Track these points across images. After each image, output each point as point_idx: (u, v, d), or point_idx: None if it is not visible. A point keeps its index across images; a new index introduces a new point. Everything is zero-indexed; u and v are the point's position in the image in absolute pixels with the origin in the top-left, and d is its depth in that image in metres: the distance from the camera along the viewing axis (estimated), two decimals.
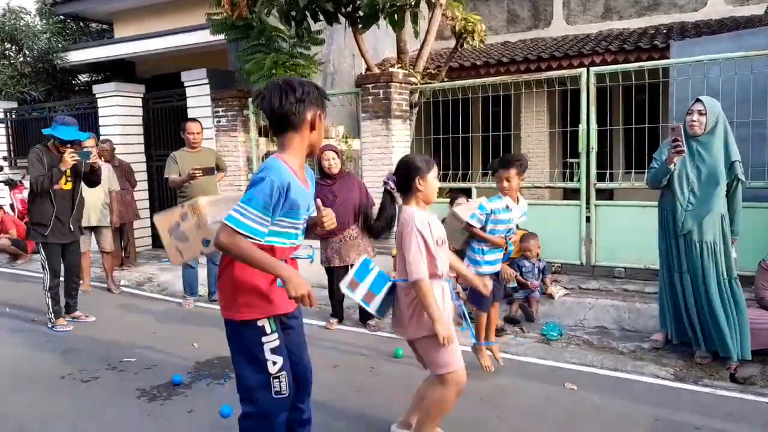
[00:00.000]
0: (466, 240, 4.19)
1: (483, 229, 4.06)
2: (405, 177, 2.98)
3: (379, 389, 3.97)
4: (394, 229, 3.05)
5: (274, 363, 2.30)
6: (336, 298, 5.45)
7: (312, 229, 2.48)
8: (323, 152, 5.25)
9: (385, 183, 3.04)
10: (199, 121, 6.33)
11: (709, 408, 3.59)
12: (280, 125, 2.21)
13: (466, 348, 4.71)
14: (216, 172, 6.32)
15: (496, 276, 4.21)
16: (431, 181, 2.98)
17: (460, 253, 4.08)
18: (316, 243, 5.22)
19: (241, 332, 2.31)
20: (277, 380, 2.35)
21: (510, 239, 4.19)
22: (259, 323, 2.27)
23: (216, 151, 6.85)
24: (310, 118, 2.20)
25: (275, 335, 2.29)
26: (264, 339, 2.28)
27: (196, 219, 2.36)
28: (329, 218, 2.40)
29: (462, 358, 2.97)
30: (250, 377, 2.37)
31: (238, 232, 2.10)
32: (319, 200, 2.42)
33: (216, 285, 6.21)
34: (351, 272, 3.00)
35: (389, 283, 3.02)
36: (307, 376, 2.62)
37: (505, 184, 3.97)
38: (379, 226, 3.04)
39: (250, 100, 7.76)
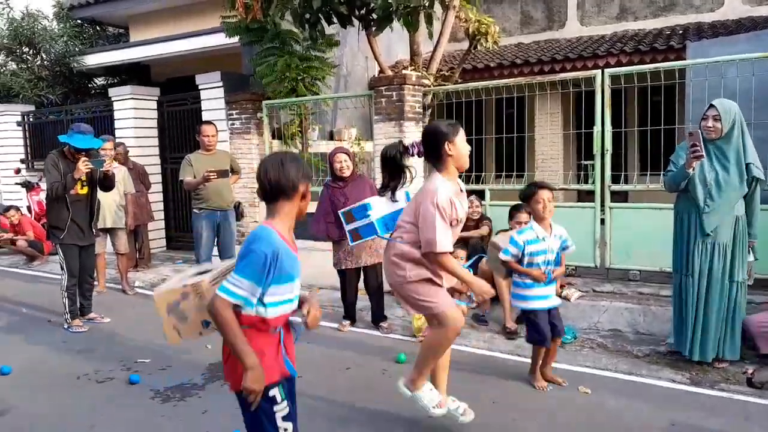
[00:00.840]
0: (508, 273, 4.07)
1: (520, 262, 3.88)
2: (433, 144, 2.98)
3: (391, 391, 3.96)
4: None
5: (285, 430, 2.33)
6: (348, 300, 5.44)
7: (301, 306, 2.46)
8: (335, 154, 5.25)
9: (411, 147, 3.06)
10: (213, 124, 6.39)
11: (726, 412, 3.54)
12: (273, 194, 2.29)
13: (476, 350, 4.70)
14: (230, 174, 6.36)
15: (551, 310, 3.93)
16: (460, 144, 2.97)
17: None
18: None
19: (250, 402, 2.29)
20: None
21: (552, 271, 3.91)
22: (270, 393, 2.28)
23: (230, 153, 6.89)
24: (303, 190, 2.29)
25: (285, 402, 2.31)
26: (276, 408, 2.29)
27: (197, 300, 2.34)
28: (313, 319, 2.39)
29: (453, 303, 3.06)
30: None
31: (231, 302, 2.17)
32: (306, 307, 2.39)
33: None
34: (352, 206, 3.09)
35: (374, 236, 3.17)
36: None
37: (546, 204, 3.75)
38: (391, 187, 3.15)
39: (264, 103, 7.80)
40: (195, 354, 4.77)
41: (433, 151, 3.00)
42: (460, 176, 3.20)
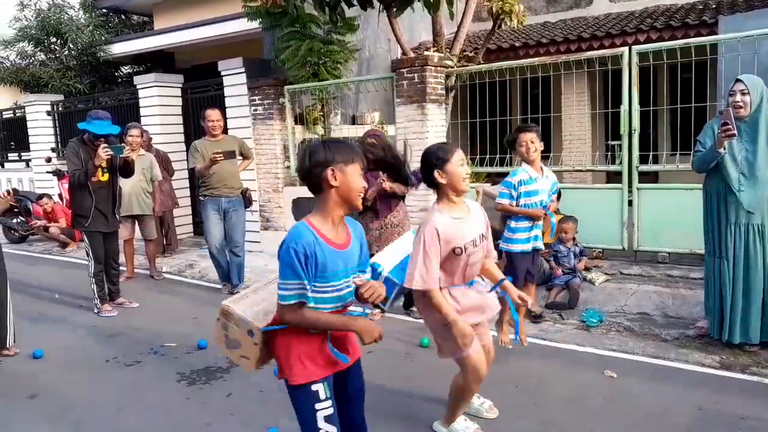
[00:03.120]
0: (502, 219, 4.13)
1: (516, 205, 3.99)
2: (425, 173, 2.90)
3: (414, 375, 3.96)
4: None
5: None
6: None
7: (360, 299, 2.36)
8: (366, 137, 5.18)
9: (413, 175, 3.07)
10: (217, 109, 6.28)
11: (757, 397, 3.45)
12: (309, 187, 2.23)
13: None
14: (240, 158, 6.28)
15: (533, 256, 4.12)
16: (452, 170, 2.81)
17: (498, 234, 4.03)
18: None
19: (295, 397, 2.26)
20: None
21: (549, 208, 4.08)
22: (313, 387, 2.21)
23: (239, 138, 6.75)
24: (328, 177, 2.14)
25: (329, 402, 2.23)
26: (317, 406, 2.22)
27: (232, 321, 2.39)
28: (370, 292, 2.27)
29: (478, 345, 2.93)
30: None
31: (292, 305, 2.15)
32: (360, 276, 2.31)
33: (239, 278, 6.31)
34: (389, 270, 3.12)
35: (397, 288, 3.09)
36: None
37: (529, 146, 3.86)
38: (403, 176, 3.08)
39: (285, 88, 7.79)
40: None
41: (426, 178, 2.91)
42: (484, 159, 3.15)
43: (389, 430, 3.21)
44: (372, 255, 5.15)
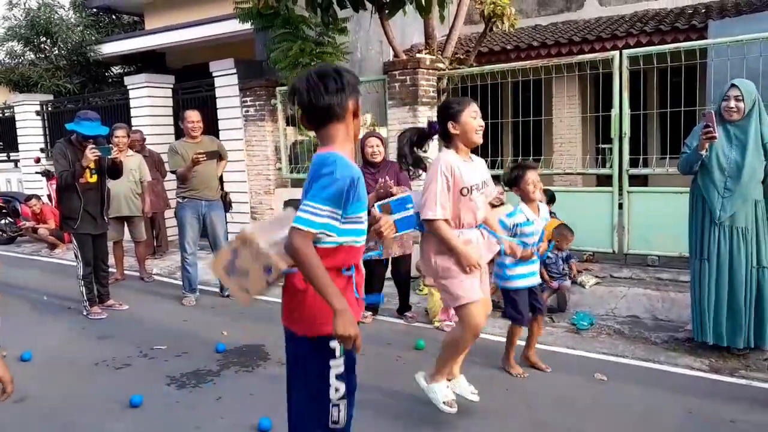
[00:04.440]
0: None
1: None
2: (440, 122, 3.05)
3: (405, 378, 3.95)
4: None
5: (337, 390, 2.11)
6: (374, 291, 5.26)
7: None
8: (367, 139, 5.14)
9: (432, 125, 3.12)
10: (197, 111, 6.13)
11: (746, 400, 3.48)
12: (322, 118, 2.04)
13: (491, 337, 4.66)
14: (219, 160, 6.14)
15: (532, 289, 3.89)
16: (465, 121, 2.99)
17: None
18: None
19: (309, 350, 2.11)
20: (336, 408, 2.14)
21: (538, 250, 3.91)
22: (332, 344, 2.06)
23: (217, 140, 6.60)
24: (353, 107, 2.05)
25: (342, 359, 2.10)
26: (332, 363, 2.09)
27: (248, 249, 2.15)
28: (388, 227, 2.23)
29: (478, 293, 3.04)
30: (308, 400, 2.18)
31: (312, 233, 1.93)
32: (375, 209, 2.26)
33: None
34: (391, 198, 3.09)
35: (413, 229, 3.12)
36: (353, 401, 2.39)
37: (536, 185, 3.72)
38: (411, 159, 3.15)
39: (277, 89, 7.77)
40: (211, 341, 4.81)
41: (442, 129, 3.07)
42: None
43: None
44: (373, 260, 5.13)
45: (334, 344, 2.06)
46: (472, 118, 3.00)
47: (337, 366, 2.10)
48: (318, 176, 1.97)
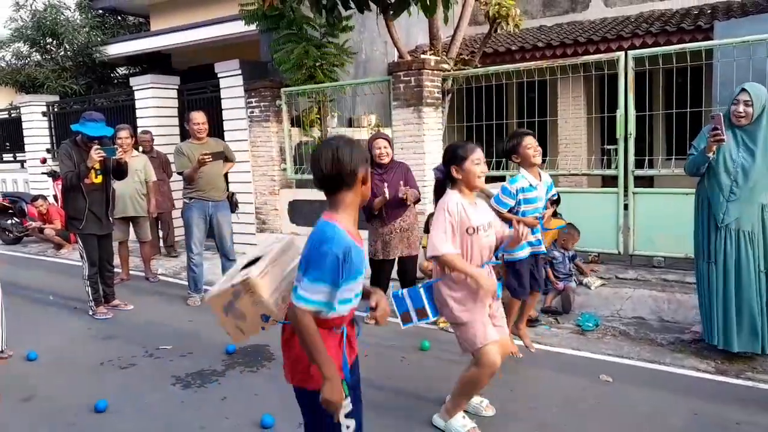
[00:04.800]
0: None
1: (514, 212, 3.96)
2: (445, 167, 3.14)
3: (410, 378, 3.95)
4: None
5: (348, 427, 2.24)
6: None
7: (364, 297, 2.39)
8: (375, 140, 5.13)
9: (435, 173, 3.24)
10: (202, 112, 6.14)
11: (752, 402, 3.46)
12: (333, 185, 2.16)
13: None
14: (224, 161, 6.14)
15: (533, 264, 4.08)
16: (469, 168, 3.05)
17: None
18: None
19: (314, 400, 2.17)
20: None
21: (544, 216, 4.06)
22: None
23: (223, 142, 6.62)
24: (362, 175, 2.16)
25: (348, 399, 2.21)
26: (330, 414, 2.17)
27: (249, 296, 2.23)
28: (382, 315, 2.32)
29: (494, 335, 3.08)
30: None
31: (308, 310, 2.07)
32: (374, 300, 2.33)
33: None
34: (396, 312, 3.23)
35: (422, 290, 3.22)
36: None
37: (535, 150, 3.82)
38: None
39: (282, 90, 7.78)
40: (215, 341, 4.82)
41: (446, 171, 3.15)
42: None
43: None
44: (380, 260, 5.14)
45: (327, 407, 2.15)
46: (475, 165, 3.05)
47: (345, 406, 2.20)
48: (315, 254, 2.08)
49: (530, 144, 3.82)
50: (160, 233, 8.35)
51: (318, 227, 2.15)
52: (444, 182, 3.21)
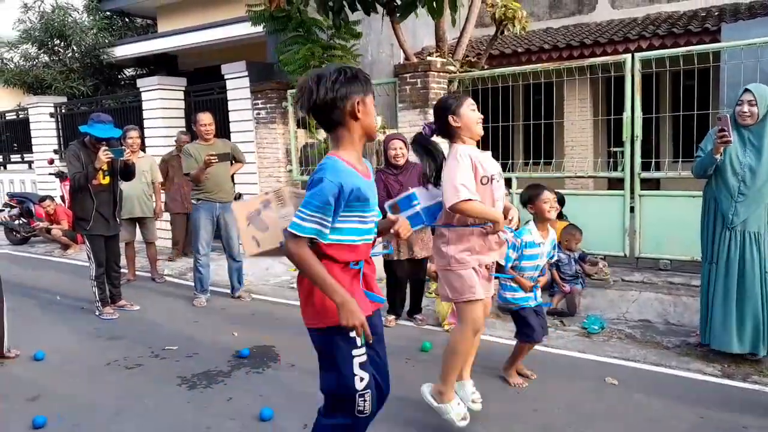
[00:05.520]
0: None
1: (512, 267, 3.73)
2: (440, 120, 3.03)
3: (412, 380, 3.94)
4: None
5: (362, 379, 2.17)
6: (399, 294, 5.22)
7: (383, 234, 2.36)
8: (391, 141, 5.08)
9: (423, 129, 3.08)
10: (209, 113, 6.14)
11: (759, 406, 3.44)
12: (323, 122, 2.11)
13: (500, 340, 4.65)
14: (233, 162, 6.19)
15: (536, 311, 3.77)
16: (465, 113, 2.98)
17: None
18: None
19: (331, 341, 2.15)
20: (362, 398, 2.20)
21: (539, 282, 3.79)
22: (352, 333, 2.09)
23: (231, 142, 6.63)
24: (349, 108, 2.06)
25: (364, 349, 2.15)
26: (354, 352, 2.13)
27: (278, 207, 2.20)
28: (404, 227, 2.27)
29: (481, 294, 3.04)
30: (334, 390, 2.25)
31: (301, 237, 2.01)
32: (387, 210, 2.32)
33: (239, 282, 6.23)
34: (397, 198, 3.11)
35: (422, 225, 3.12)
36: (385, 392, 2.46)
37: (552, 206, 3.62)
38: (430, 172, 3.07)
39: (288, 92, 7.80)
40: (221, 342, 4.84)
41: (442, 126, 3.05)
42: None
43: None
44: (397, 261, 5.09)
45: (354, 333, 2.10)
46: (471, 110, 3.00)
47: (359, 355, 2.14)
48: (312, 181, 2.05)
49: (547, 199, 3.64)
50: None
51: (321, 162, 2.11)
52: (428, 139, 3.08)
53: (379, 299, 2.25)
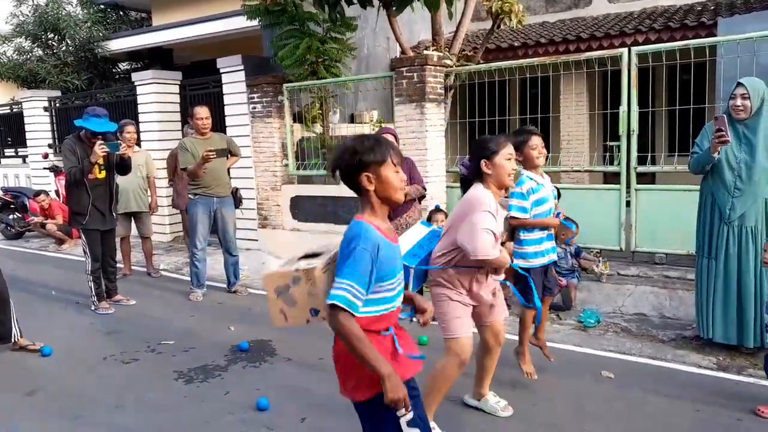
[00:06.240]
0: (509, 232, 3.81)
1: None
2: (475, 160, 2.94)
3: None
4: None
5: None
6: None
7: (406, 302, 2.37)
8: (382, 135, 5.10)
9: (460, 168, 3.03)
10: (206, 107, 6.10)
11: (753, 399, 3.46)
12: (353, 188, 2.15)
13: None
14: (229, 156, 6.16)
15: (546, 268, 3.77)
16: (500, 163, 2.87)
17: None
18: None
19: (376, 411, 2.13)
20: None
21: (561, 215, 3.77)
22: (399, 412, 2.08)
23: (227, 136, 6.61)
24: (364, 182, 2.09)
25: (408, 407, 2.12)
26: (399, 413, 2.11)
27: (309, 286, 2.18)
28: (429, 314, 2.35)
29: (469, 333, 3.01)
30: None
31: (346, 310, 1.99)
32: (420, 300, 2.35)
33: (236, 276, 6.22)
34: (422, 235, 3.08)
35: (413, 270, 3.01)
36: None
37: (540, 150, 3.54)
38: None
39: (284, 86, 7.77)
40: (218, 336, 4.84)
41: (474, 166, 2.95)
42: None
43: None
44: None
45: (401, 410, 2.08)
46: (506, 160, 2.88)
47: (404, 415, 2.13)
48: (346, 253, 2.04)
49: (536, 144, 3.56)
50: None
51: (348, 228, 2.11)
52: (469, 179, 3.01)
53: (421, 357, 2.26)
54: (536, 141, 3.58)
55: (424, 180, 5.52)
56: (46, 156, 11.51)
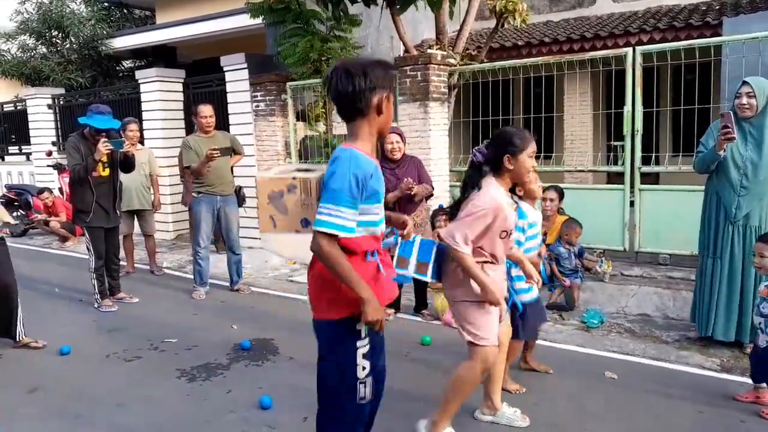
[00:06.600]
0: None
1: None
2: (496, 152, 2.85)
3: (410, 373, 3.95)
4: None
5: (364, 368, 2.22)
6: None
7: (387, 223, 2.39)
8: (387, 134, 5.10)
9: (474, 155, 2.89)
10: (210, 105, 6.09)
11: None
12: (347, 112, 2.11)
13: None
14: (232, 154, 6.17)
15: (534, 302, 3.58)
16: (523, 160, 2.80)
17: None
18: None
19: (335, 333, 2.19)
20: (363, 385, 2.25)
21: (539, 254, 3.63)
22: (357, 326, 2.16)
23: (230, 134, 6.61)
24: (377, 102, 2.07)
25: (367, 339, 2.20)
26: (359, 343, 2.18)
27: (303, 196, 2.20)
28: (409, 230, 2.41)
29: (496, 337, 2.94)
30: (335, 380, 2.27)
31: (332, 234, 2.02)
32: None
33: (238, 274, 6.23)
34: (395, 251, 2.91)
35: (435, 247, 2.93)
36: (382, 379, 2.47)
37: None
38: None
39: (288, 84, 7.77)
40: (221, 334, 4.83)
41: (495, 157, 2.85)
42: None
43: (388, 427, 3.20)
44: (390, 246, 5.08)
45: (360, 326, 2.17)
46: (529, 157, 2.82)
47: (363, 346, 2.21)
48: (331, 174, 2.05)
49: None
50: None
51: (334, 153, 2.11)
52: (479, 166, 2.89)
53: (403, 279, 2.35)
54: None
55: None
56: (49, 153, 11.53)
